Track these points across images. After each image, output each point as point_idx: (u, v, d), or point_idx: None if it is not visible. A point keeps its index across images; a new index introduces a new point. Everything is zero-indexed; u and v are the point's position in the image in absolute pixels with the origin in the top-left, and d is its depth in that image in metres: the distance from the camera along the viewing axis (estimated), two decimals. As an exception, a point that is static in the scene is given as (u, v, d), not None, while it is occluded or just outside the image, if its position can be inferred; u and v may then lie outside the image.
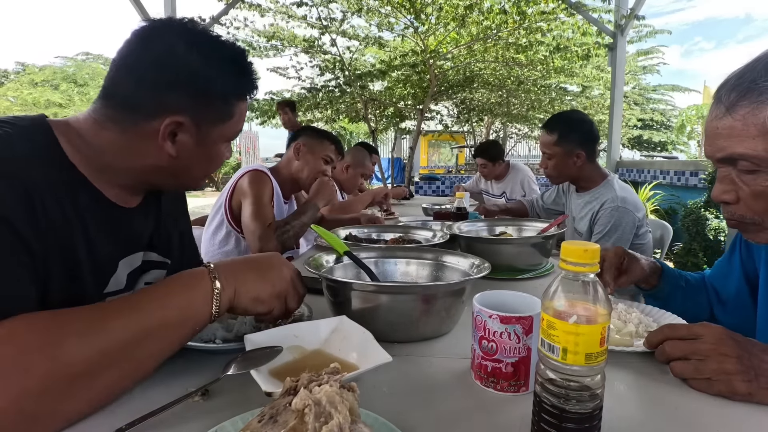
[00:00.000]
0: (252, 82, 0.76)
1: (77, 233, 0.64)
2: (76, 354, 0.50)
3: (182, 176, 0.76)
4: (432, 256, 0.99)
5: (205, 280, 0.62)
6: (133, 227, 0.77)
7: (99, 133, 0.69)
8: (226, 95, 0.72)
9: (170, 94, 0.68)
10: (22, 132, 0.62)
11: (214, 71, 0.70)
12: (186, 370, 0.65)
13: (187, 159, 0.72)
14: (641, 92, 13.23)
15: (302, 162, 1.88)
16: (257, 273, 0.68)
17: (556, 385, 0.46)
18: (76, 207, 0.64)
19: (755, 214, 0.68)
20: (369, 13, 5.76)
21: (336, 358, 0.63)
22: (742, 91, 0.63)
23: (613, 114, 5.05)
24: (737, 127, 0.64)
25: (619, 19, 4.70)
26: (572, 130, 1.82)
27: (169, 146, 0.70)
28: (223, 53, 0.72)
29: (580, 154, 1.81)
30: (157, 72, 0.67)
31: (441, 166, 14.49)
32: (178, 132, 0.70)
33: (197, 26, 0.72)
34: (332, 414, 0.39)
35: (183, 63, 0.68)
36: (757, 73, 0.62)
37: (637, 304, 0.90)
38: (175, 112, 0.68)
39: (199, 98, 0.70)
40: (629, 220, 1.74)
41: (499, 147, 3.61)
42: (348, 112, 7.54)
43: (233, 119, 0.75)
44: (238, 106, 0.75)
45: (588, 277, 0.45)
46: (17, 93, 12.12)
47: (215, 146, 0.75)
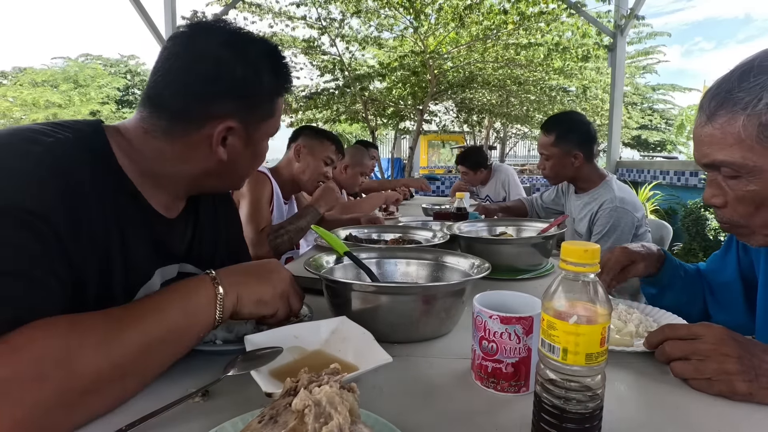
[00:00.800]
0: (289, 77, 0.78)
1: (115, 238, 0.65)
2: (90, 366, 0.50)
3: (229, 177, 0.78)
4: (432, 257, 0.99)
5: (208, 285, 0.63)
6: (173, 238, 0.78)
7: (148, 141, 0.70)
8: (270, 94, 0.74)
9: (219, 101, 0.69)
10: (80, 137, 0.63)
11: (256, 73, 0.71)
12: (186, 371, 0.65)
13: (236, 161, 0.74)
14: (641, 92, 13.24)
15: (303, 163, 1.88)
16: (257, 277, 0.69)
17: (557, 385, 0.46)
18: (118, 212, 0.65)
19: (741, 218, 0.71)
20: (368, 14, 5.76)
21: (336, 359, 0.63)
22: (719, 100, 0.66)
23: (613, 114, 5.05)
24: (717, 136, 0.67)
25: (619, 19, 4.70)
26: (570, 130, 1.83)
27: (221, 151, 0.72)
28: (262, 52, 0.73)
29: (578, 154, 1.82)
30: (204, 81, 0.68)
31: (441, 167, 14.48)
32: (229, 136, 0.72)
33: (230, 26, 0.72)
34: (332, 414, 0.39)
35: (228, 69, 0.69)
36: (732, 83, 0.65)
37: (637, 304, 0.90)
38: (225, 118, 0.70)
39: (246, 101, 0.71)
40: (628, 220, 1.75)
41: (481, 154, 3.55)
42: (348, 112, 7.55)
43: (275, 116, 0.77)
44: (279, 102, 0.77)
45: (588, 278, 0.45)
46: (17, 93, 12.13)
47: (260, 144, 0.77)
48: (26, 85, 12.44)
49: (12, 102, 12.06)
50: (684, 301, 0.98)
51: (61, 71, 13.40)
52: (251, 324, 0.77)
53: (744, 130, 0.64)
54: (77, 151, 0.62)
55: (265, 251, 1.56)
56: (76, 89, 13.17)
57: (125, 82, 15.22)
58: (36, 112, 11.96)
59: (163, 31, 4.78)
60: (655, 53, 11.74)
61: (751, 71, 0.64)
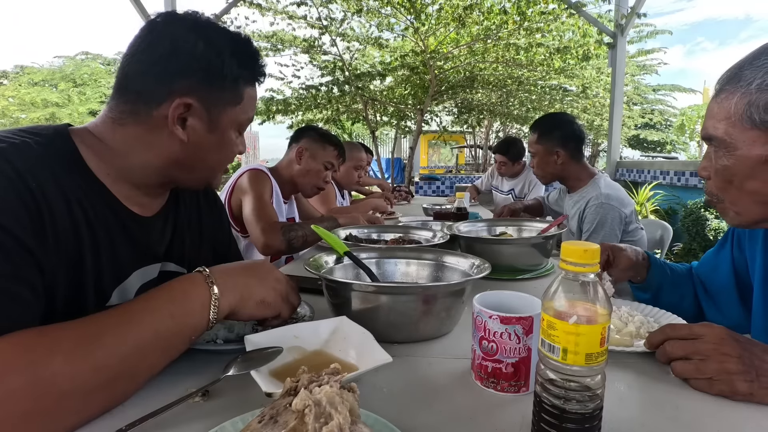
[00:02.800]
0: (259, 67, 0.77)
1: (86, 240, 0.64)
2: (64, 372, 0.48)
3: (197, 168, 0.76)
4: (432, 257, 0.99)
5: (201, 286, 0.61)
6: (150, 237, 0.77)
7: (116, 130, 0.70)
8: (233, 78, 0.73)
9: (179, 78, 0.69)
10: (43, 141, 0.63)
11: (218, 54, 0.71)
12: (186, 371, 0.65)
13: (200, 146, 0.73)
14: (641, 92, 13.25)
15: (303, 166, 1.88)
16: (258, 278, 0.68)
17: (557, 385, 0.46)
18: (87, 216, 0.64)
19: (718, 191, 0.75)
20: (369, 13, 5.76)
21: (336, 359, 0.63)
22: (730, 76, 0.69)
23: (613, 114, 5.05)
24: (714, 110, 0.71)
25: (620, 18, 4.70)
26: (553, 128, 1.91)
27: (180, 131, 0.70)
28: (228, 38, 0.73)
29: (560, 152, 1.88)
30: (165, 59, 0.69)
31: (441, 167, 14.49)
32: (188, 117, 0.70)
33: (202, 17, 0.73)
34: (332, 414, 0.39)
35: (189, 48, 0.69)
36: (745, 61, 0.68)
37: (637, 304, 0.90)
38: (184, 95, 0.69)
39: (207, 80, 0.70)
40: (614, 216, 1.78)
41: (520, 146, 3.52)
42: (348, 112, 7.54)
43: (242, 104, 0.75)
44: (247, 91, 0.75)
45: (588, 278, 0.45)
46: (15, 92, 12.12)
47: (226, 132, 0.75)
48: (25, 84, 12.43)
49: (10, 101, 12.06)
50: (675, 301, 0.99)
51: (59, 70, 13.38)
52: (251, 324, 0.77)
53: (734, 107, 0.67)
54: (37, 155, 0.61)
55: (278, 241, 1.52)
56: (75, 88, 13.16)
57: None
58: (34, 111, 11.96)
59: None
60: (656, 52, 11.74)
61: (764, 53, 0.66)
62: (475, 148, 13.05)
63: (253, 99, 0.78)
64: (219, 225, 0.97)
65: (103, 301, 0.68)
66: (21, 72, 13.04)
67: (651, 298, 1.00)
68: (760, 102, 0.65)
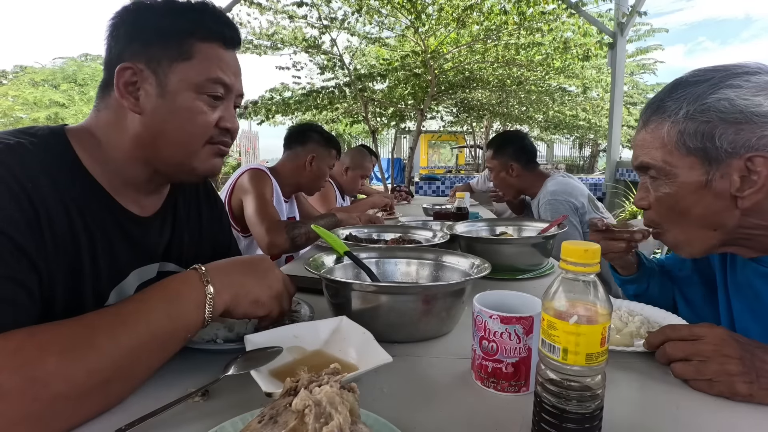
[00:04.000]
0: (213, 20, 0.71)
1: (84, 244, 0.64)
2: (57, 374, 0.47)
3: (162, 146, 0.70)
4: (432, 257, 0.99)
5: (196, 284, 0.61)
6: (148, 237, 0.76)
7: (99, 123, 0.70)
8: (174, 31, 0.68)
9: (125, 47, 0.67)
10: (39, 142, 0.63)
11: (160, 11, 0.69)
12: (186, 370, 0.65)
13: (156, 116, 0.68)
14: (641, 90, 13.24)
15: (315, 173, 1.93)
16: (255, 276, 0.67)
17: (557, 385, 0.46)
18: (85, 218, 0.64)
19: (659, 218, 0.78)
20: (369, 13, 5.76)
21: (336, 359, 0.63)
22: (653, 108, 0.74)
23: (613, 114, 5.05)
24: (647, 139, 0.74)
25: (620, 17, 4.70)
26: (503, 145, 2.12)
27: (131, 101, 0.67)
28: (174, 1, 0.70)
29: (513, 165, 2.08)
30: (111, 34, 0.69)
31: (441, 167, 14.49)
32: (139, 86, 0.67)
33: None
34: (332, 414, 0.39)
35: (129, 16, 0.69)
36: (664, 94, 0.73)
37: (636, 304, 0.90)
38: (126, 61, 0.67)
39: (146, 39, 0.67)
40: (565, 209, 1.90)
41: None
42: (348, 112, 7.55)
43: (193, 60, 0.68)
44: (200, 47, 0.69)
45: (588, 277, 0.45)
46: (18, 93, 12.11)
47: (180, 94, 0.68)
48: (26, 85, 12.43)
49: (13, 101, 12.06)
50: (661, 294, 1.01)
51: (61, 70, 13.38)
52: (251, 324, 0.77)
53: (667, 135, 0.71)
54: (32, 156, 0.60)
55: (282, 240, 1.53)
56: (77, 88, 13.16)
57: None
58: (37, 111, 11.97)
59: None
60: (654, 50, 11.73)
61: (680, 85, 0.71)
62: (474, 148, 13.05)
63: (215, 58, 0.70)
64: (219, 225, 0.96)
65: (101, 301, 0.68)
66: (21, 72, 13.03)
67: (640, 292, 1.01)
68: (689, 129, 0.68)
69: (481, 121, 10.34)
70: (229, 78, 0.72)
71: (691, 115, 0.68)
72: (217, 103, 0.72)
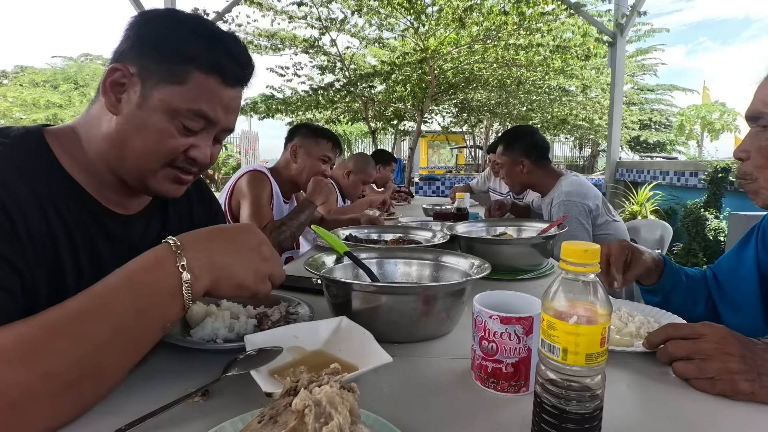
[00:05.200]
0: (218, 52, 0.68)
1: (63, 243, 0.63)
2: (11, 382, 0.45)
3: (127, 154, 0.68)
4: (432, 257, 0.99)
5: (169, 271, 0.54)
6: (132, 235, 0.75)
7: (85, 118, 0.70)
8: (176, 51, 0.67)
9: (127, 50, 0.67)
10: (12, 143, 0.62)
11: (168, 27, 0.68)
12: (186, 370, 0.65)
13: (127, 122, 0.66)
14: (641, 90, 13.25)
15: (300, 164, 1.88)
16: (239, 256, 0.60)
17: (557, 385, 0.46)
18: (62, 217, 0.63)
19: (754, 169, 0.76)
20: (369, 13, 5.76)
21: (336, 359, 0.63)
22: None
23: (613, 114, 5.05)
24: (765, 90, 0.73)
25: (620, 17, 4.70)
26: (515, 140, 2.05)
27: (110, 99, 0.66)
28: (195, 21, 0.69)
29: (524, 161, 2.01)
30: (124, 35, 0.68)
31: (441, 167, 14.49)
32: (126, 89, 0.66)
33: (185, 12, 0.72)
34: (332, 415, 0.39)
35: (143, 20, 0.69)
36: None
37: (636, 304, 0.90)
38: (122, 61, 0.66)
39: (146, 50, 0.66)
40: (579, 210, 1.86)
41: None
42: (348, 112, 7.55)
43: (184, 86, 0.66)
44: (194, 75, 0.67)
45: (588, 278, 0.45)
46: (17, 94, 12.11)
47: (155, 113, 0.66)
48: (26, 85, 12.43)
49: (12, 102, 12.06)
50: (688, 305, 0.98)
51: (61, 71, 13.38)
52: (252, 323, 0.77)
53: None
54: (4, 159, 0.60)
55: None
56: (76, 89, 13.16)
57: (125, 82, 15.14)
58: (36, 112, 11.96)
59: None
60: (654, 51, 11.74)
61: None
62: (474, 148, 13.05)
63: (207, 92, 0.68)
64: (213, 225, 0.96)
65: None
66: (21, 72, 13.03)
67: (660, 301, 0.98)
68: None
69: (481, 122, 10.34)
70: (215, 113, 0.70)
71: None
72: (192, 133, 0.70)
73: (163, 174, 0.71)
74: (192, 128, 0.69)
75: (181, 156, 0.70)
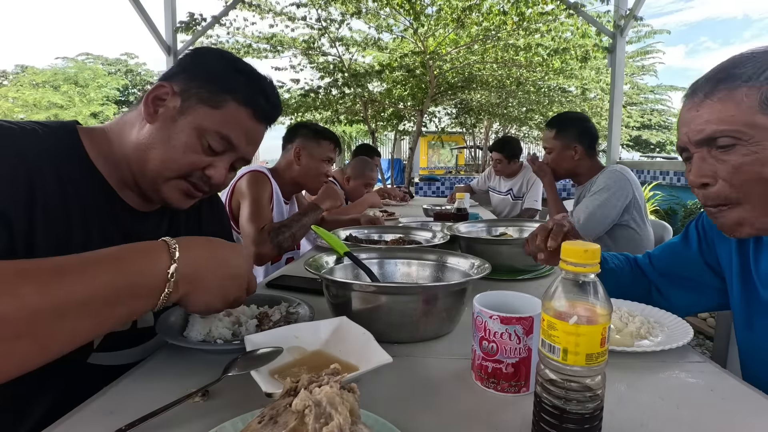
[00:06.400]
0: (255, 92, 0.77)
1: (75, 222, 0.67)
2: None
3: (149, 158, 0.72)
4: (432, 257, 0.99)
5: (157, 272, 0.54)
6: (147, 231, 0.78)
7: (118, 122, 0.77)
8: (219, 83, 0.74)
9: (176, 73, 0.76)
10: (46, 132, 0.68)
11: (219, 62, 0.77)
12: (186, 371, 0.65)
13: (159, 132, 0.72)
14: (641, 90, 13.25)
15: (303, 166, 1.88)
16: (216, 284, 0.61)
17: (557, 385, 0.46)
18: (80, 198, 0.68)
19: (734, 190, 0.72)
20: (368, 15, 5.77)
21: (336, 359, 0.63)
22: (716, 80, 0.71)
23: (613, 114, 5.05)
24: (716, 108, 0.70)
25: (618, 19, 4.70)
26: (569, 125, 1.98)
27: (147, 108, 0.72)
28: (236, 59, 0.79)
29: (577, 147, 1.95)
30: (180, 60, 0.79)
31: (441, 167, 14.48)
32: (165, 102, 0.73)
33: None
34: (332, 415, 0.39)
35: (199, 54, 0.78)
36: (728, 66, 0.71)
37: (636, 304, 0.90)
38: (169, 80, 0.74)
39: (194, 76, 0.74)
40: (622, 186, 1.81)
41: (517, 145, 3.51)
42: (347, 113, 7.55)
43: (217, 111, 0.74)
44: (230, 104, 0.74)
45: (588, 278, 0.45)
46: (18, 94, 12.12)
47: (186, 129, 0.72)
48: (27, 86, 12.44)
49: (13, 103, 12.07)
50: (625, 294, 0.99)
51: (61, 71, 13.40)
52: (252, 324, 0.77)
53: (746, 98, 0.68)
54: (42, 142, 0.66)
55: (267, 249, 1.55)
56: (77, 89, 13.17)
57: (125, 82, 15.22)
58: (37, 112, 11.98)
59: (163, 32, 4.77)
60: (654, 53, 11.74)
61: (745, 56, 0.70)
62: (474, 148, 13.05)
63: (237, 120, 0.75)
64: (219, 225, 0.97)
65: None
66: (22, 72, 13.04)
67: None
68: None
69: (481, 122, 10.34)
70: (239, 140, 0.77)
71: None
72: (214, 153, 0.75)
73: (176, 184, 0.75)
74: (215, 149, 0.75)
75: (198, 172, 0.75)
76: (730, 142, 0.69)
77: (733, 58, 0.71)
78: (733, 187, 0.71)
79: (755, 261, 0.82)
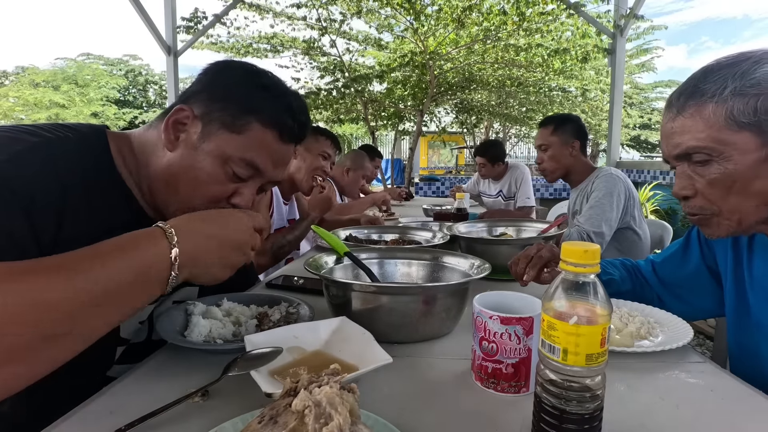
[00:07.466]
0: (281, 109, 0.72)
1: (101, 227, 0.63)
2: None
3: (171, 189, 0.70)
4: (432, 257, 0.99)
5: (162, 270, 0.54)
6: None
7: (142, 137, 0.73)
8: (242, 103, 0.70)
9: (196, 92, 0.71)
10: (80, 137, 0.67)
11: (239, 78, 0.72)
12: (186, 371, 0.65)
13: (180, 162, 0.69)
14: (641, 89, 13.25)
15: (298, 161, 1.85)
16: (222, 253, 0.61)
17: (557, 386, 0.46)
18: (107, 214, 0.66)
19: (712, 203, 0.74)
20: (368, 14, 5.76)
21: (336, 359, 0.63)
22: (688, 94, 0.73)
23: (613, 114, 5.05)
24: (688, 124, 0.72)
25: (618, 19, 4.70)
26: (566, 122, 2.01)
27: (168, 136, 0.69)
28: (261, 73, 0.74)
29: (575, 143, 1.97)
30: (199, 75, 0.74)
31: (441, 167, 14.48)
32: (186, 127, 0.69)
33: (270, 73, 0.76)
34: (332, 415, 0.39)
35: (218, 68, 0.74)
36: (697, 79, 0.73)
37: (636, 304, 0.90)
38: (189, 103, 0.70)
39: (214, 96, 0.70)
40: (621, 189, 1.83)
41: (500, 148, 3.52)
42: (348, 113, 7.55)
43: (241, 136, 0.69)
44: (253, 127, 0.70)
45: (588, 278, 0.45)
46: (18, 94, 12.13)
47: (209, 158, 0.69)
48: (27, 86, 12.44)
49: (14, 102, 12.07)
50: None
51: (61, 71, 13.39)
52: (252, 324, 0.77)
53: (713, 115, 0.69)
54: (75, 151, 0.64)
55: (265, 260, 1.56)
56: (77, 89, 13.17)
57: (125, 83, 15.21)
58: (38, 112, 11.98)
59: (163, 32, 4.78)
60: (653, 50, 11.73)
61: (712, 69, 0.71)
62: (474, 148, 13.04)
63: (262, 144, 0.71)
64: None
65: None
66: (23, 72, 13.05)
67: None
68: (739, 105, 0.67)
69: (481, 122, 10.34)
70: (265, 165, 0.72)
71: (739, 90, 0.67)
72: (239, 179, 0.72)
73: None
74: (241, 175, 0.71)
75: (224, 202, 0.72)
76: (704, 158, 0.72)
77: (703, 70, 0.73)
78: (709, 201, 0.75)
79: (749, 263, 0.83)
